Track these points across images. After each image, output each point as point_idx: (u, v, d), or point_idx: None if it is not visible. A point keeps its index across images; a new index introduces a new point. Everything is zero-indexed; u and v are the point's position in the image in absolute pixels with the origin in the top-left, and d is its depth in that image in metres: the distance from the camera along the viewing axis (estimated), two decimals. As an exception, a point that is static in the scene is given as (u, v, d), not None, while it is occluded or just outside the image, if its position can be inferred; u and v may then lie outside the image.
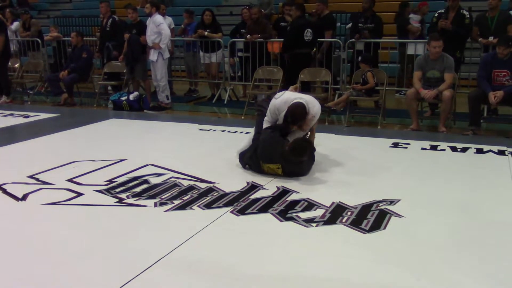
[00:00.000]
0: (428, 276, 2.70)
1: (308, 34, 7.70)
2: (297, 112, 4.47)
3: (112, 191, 4.07)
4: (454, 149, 5.41)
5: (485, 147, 5.41)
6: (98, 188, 4.15)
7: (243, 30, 9.01)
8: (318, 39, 8.07)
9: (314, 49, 8.06)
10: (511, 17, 7.22)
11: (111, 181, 4.33)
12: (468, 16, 7.08)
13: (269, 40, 8.71)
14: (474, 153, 5.28)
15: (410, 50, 8.21)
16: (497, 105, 6.34)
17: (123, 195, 3.98)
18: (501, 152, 5.23)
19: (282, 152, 4.31)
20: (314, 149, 4.67)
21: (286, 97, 4.68)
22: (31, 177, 4.44)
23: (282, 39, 8.30)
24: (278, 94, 4.86)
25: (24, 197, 3.94)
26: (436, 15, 7.23)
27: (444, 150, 5.39)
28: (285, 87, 7.61)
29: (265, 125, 4.73)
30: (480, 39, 7.23)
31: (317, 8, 8.51)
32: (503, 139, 5.91)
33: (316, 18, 8.53)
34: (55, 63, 10.51)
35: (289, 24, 8.48)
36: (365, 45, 8.00)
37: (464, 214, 3.58)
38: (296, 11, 7.98)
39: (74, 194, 4.00)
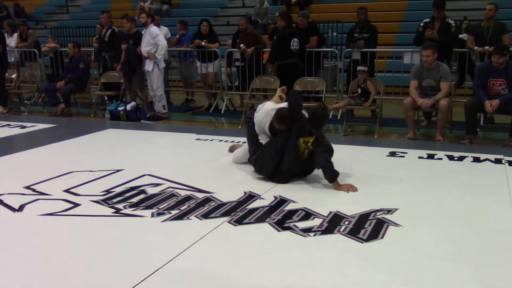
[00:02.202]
0: (426, 286, 2.70)
1: (294, 43, 7.72)
2: (282, 115, 4.55)
3: (109, 202, 4.06)
4: (451, 157, 5.42)
5: (482, 156, 5.42)
6: (95, 198, 4.13)
7: (238, 40, 9.07)
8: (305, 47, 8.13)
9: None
10: (506, 26, 7.27)
11: (108, 191, 4.31)
12: (453, 25, 7.16)
13: (264, 50, 8.74)
14: (471, 161, 5.29)
15: (406, 60, 8.24)
16: (493, 114, 6.36)
17: (120, 206, 3.96)
18: (498, 161, 5.24)
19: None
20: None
21: (266, 109, 4.78)
22: (27, 187, 4.43)
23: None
24: (259, 106, 4.96)
25: (21, 208, 3.92)
26: (421, 24, 7.30)
27: (441, 159, 5.40)
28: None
29: (261, 137, 4.80)
30: (476, 47, 7.27)
31: (299, 23, 8.50)
32: (500, 147, 5.93)
33: (300, 31, 8.56)
34: (52, 73, 10.53)
35: (275, 33, 8.51)
36: (361, 54, 8.03)
37: (462, 223, 3.58)
38: (282, 21, 8.02)
39: (71, 205, 3.99)
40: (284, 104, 4.87)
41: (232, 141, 6.21)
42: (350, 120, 7.39)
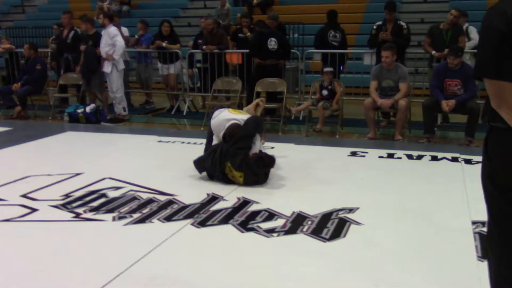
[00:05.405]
0: (387, 283, 2.75)
1: (272, 43, 7.71)
2: (235, 134, 4.61)
3: (69, 206, 3.97)
4: (410, 157, 5.54)
5: (440, 154, 5.56)
6: (54, 203, 4.03)
7: (200, 41, 9.02)
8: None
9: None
10: (463, 29, 7.47)
11: (67, 195, 4.22)
12: (405, 27, 7.36)
13: (226, 52, 8.73)
14: (429, 160, 5.42)
15: (366, 61, 8.37)
16: (449, 113, 6.52)
17: (80, 210, 3.88)
18: (455, 159, 5.39)
19: (246, 160, 4.39)
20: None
21: (222, 118, 4.85)
22: (-18, 193, 4.29)
23: (241, 51, 8.37)
24: (215, 113, 5.02)
25: (-25, 215, 3.80)
26: (374, 27, 7.46)
27: (400, 158, 5.51)
28: (249, 98, 7.66)
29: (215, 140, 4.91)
30: (433, 52, 7.42)
31: (269, 26, 8.54)
32: (457, 146, 6.09)
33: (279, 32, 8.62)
34: (7, 75, 10.20)
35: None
36: (322, 56, 8.12)
37: (421, 221, 3.66)
38: (257, 27, 8.06)
39: (29, 210, 3.88)
40: (241, 116, 4.86)
41: (195, 143, 6.17)
42: (312, 121, 7.45)
